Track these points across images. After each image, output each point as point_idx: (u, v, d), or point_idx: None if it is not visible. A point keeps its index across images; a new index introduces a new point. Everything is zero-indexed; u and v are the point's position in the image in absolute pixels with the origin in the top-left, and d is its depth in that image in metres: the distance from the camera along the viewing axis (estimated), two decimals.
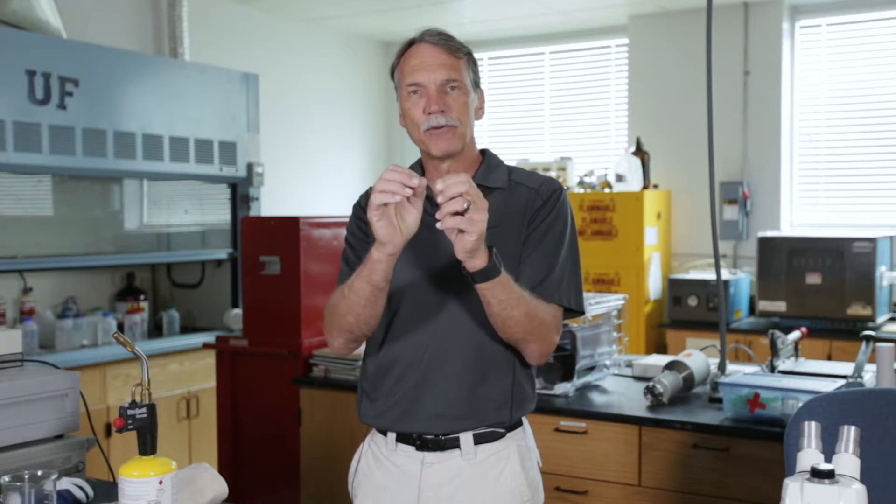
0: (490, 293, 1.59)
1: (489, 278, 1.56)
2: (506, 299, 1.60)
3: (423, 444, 1.78)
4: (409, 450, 1.80)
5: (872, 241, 4.41)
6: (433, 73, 1.71)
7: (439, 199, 1.46)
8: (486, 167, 1.82)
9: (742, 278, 4.89)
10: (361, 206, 1.85)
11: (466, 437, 1.77)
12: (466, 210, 1.46)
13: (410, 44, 1.77)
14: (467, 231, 1.47)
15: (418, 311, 1.77)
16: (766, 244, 4.66)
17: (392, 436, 1.82)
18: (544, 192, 1.78)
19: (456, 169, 1.78)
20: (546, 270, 1.73)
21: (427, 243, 1.76)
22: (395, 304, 1.79)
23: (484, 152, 1.87)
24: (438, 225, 1.47)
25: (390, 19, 5.69)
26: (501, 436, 1.80)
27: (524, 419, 1.87)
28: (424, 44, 1.75)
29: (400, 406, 1.78)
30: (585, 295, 1.92)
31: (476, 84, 1.80)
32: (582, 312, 1.82)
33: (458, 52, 1.75)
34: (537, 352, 1.74)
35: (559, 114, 5.99)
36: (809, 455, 1.35)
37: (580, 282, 1.81)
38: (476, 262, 1.53)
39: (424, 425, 1.77)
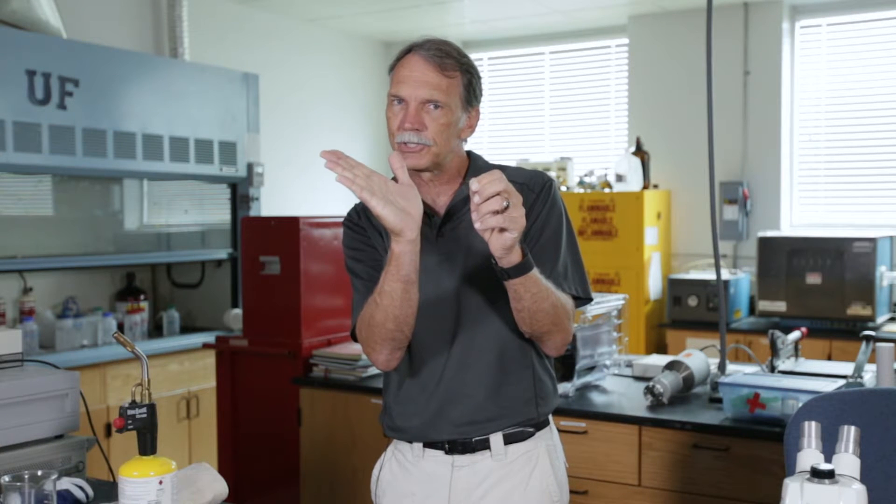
0: (523, 287, 1.58)
1: (524, 272, 1.56)
2: (537, 292, 1.60)
3: (452, 448, 1.78)
4: (438, 454, 1.79)
5: (872, 241, 4.41)
6: (416, 90, 1.67)
7: (475, 199, 1.44)
8: (474, 170, 1.80)
9: (742, 278, 4.89)
10: (353, 220, 1.84)
11: (496, 438, 1.77)
12: (506, 208, 1.44)
13: (407, 51, 1.73)
14: (509, 229, 1.46)
15: (435, 320, 1.76)
16: (766, 244, 4.66)
17: (418, 443, 1.81)
18: (535, 186, 1.77)
19: (440, 179, 1.77)
20: (551, 263, 1.72)
21: (433, 254, 1.76)
22: None
23: (469, 154, 1.85)
24: (477, 225, 1.45)
25: (390, 19, 5.69)
26: (531, 435, 1.81)
27: (550, 419, 1.88)
28: (417, 56, 1.70)
29: (427, 418, 1.78)
30: None
31: (469, 103, 1.74)
32: (590, 299, 1.83)
33: (451, 70, 1.69)
34: (560, 342, 1.75)
35: (559, 114, 5.99)
36: (809, 455, 1.35)
37: (583, 269, 1.83)
38: (513, 258, 1.53)
39: (453, 433, 1.77)
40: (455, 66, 1.71)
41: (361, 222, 1.82)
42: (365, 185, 1.49)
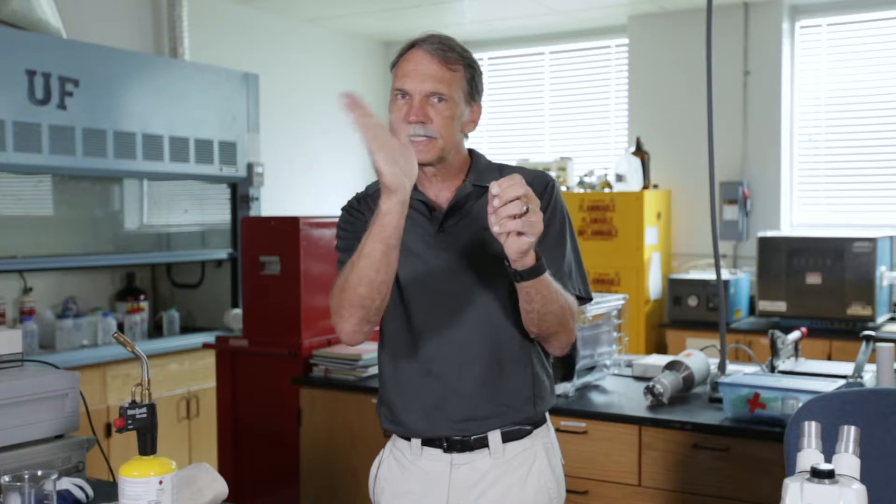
0: (535, 290, 1.59)
1: (537, 275, 1.56)
2: (548, 294, 1.61)
3: (450, 446, 1.79)
4: (437, 452, 1.80)
5: (872, 241, 4.41)
6: (421, 84, 1.69)
7: (495, 203, 1.44)
8: (477, 169, 1.82)
9: (742, 278, 4.89)
10: (353, 206, 1.86)
11: (495, 436, 1.78)
12: (525, 212, 1.45)
13: (410, 46, 1.75)
14: (527, 233, 1.47)
15: (432, 317, 1.77)
16: (766, 244, 4.66)
17: (417, 441, 1.82)
18: (539, 186, 1.77)
19: (442, 174, 1.78)
20: (555, 263, 1.73)
21: (433, 249, 1.77)
22: (408, 312, 1.79)
23: (471, 152, 1.86)
24: (495, 229, 1.46)
25: (390, 19, 5.69)
26: (528, 433, 1.82)
27: (547, 416, 1.89)
28: (421, 51, 1.72)
29: (425, 413, 1.78)
30: None
31: (471, 97, 1.76)
32: (590, 299, 1.84)
33: (454, 63, 1.72)
34: (565, 342, 1.76)
35: (559, 114, 5.99)
36: (809, 455, 1.35)
37: (584, 269, 1.84)
38: (527, 261, 1.53)
39: (451, 430, 1.78)
40: (458, 60, 1.73)
41: (361, 208, 1.84)
42: (374, 136, 1.51)
